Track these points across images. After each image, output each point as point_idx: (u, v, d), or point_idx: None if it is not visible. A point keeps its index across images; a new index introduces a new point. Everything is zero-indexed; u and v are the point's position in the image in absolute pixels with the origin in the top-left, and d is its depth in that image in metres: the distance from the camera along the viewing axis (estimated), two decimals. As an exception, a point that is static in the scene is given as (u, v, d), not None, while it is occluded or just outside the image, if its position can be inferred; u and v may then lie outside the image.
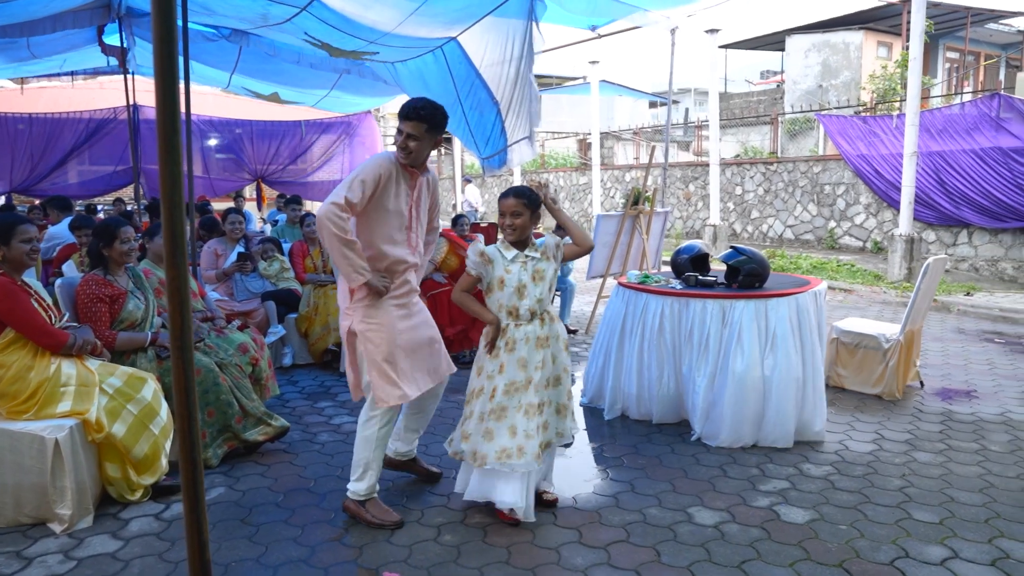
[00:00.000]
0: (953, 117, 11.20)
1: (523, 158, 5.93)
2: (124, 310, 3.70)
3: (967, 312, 8.38)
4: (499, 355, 3.13)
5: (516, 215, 3.13)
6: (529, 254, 3.17)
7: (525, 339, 3.11)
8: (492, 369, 3.13)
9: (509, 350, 3.11)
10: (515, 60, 5.48)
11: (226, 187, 13.27)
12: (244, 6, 5.43)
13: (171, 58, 1.40)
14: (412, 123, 3.07)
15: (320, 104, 10.21)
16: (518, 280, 3.12)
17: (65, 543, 2.97)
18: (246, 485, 3.55)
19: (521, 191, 3.16)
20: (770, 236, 14.85)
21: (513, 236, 3.16)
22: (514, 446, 3.02)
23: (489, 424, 3.08)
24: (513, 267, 3.13)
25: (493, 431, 3.06)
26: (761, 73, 35.54)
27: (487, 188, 24.22)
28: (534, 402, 3.09)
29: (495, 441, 3.05)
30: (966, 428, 4.35)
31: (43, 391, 3.16)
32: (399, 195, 3.14)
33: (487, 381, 3.13)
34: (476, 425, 3.13)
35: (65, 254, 5.84)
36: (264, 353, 4.37)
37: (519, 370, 3.09)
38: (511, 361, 3.10)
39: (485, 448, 3.06)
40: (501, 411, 3.07)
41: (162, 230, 1.44)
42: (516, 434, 3.04)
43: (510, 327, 3.13)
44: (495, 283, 3.15)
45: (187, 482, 1.54)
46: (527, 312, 3.13)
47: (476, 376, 3.21)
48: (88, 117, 11.71)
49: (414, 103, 3.09)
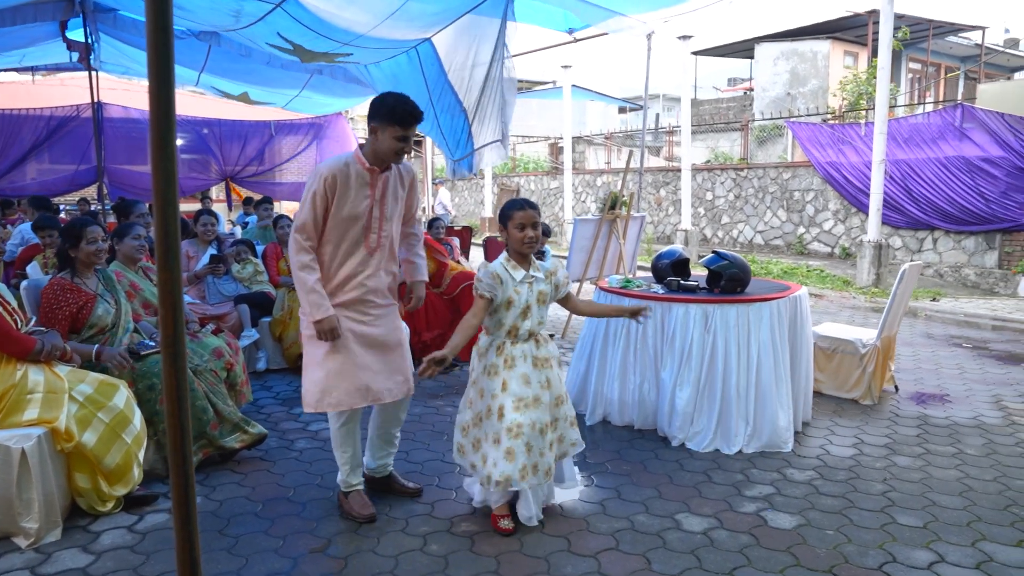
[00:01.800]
0: (918, 126, 11.44)
1: (493, 161, 5.89)
2: (93, 315, 3.56)
3: (933, 317, 8.54)
4: (499, 373, 3.07)
5: (536, 226, 3.09)
6: (534, 274, 3.13)
7: (523, 356, 3.08)
8: (495, 388, 3.06)
9: (508, 367, 3.06)
10: (483, 64, 5.43)
11: (193, 186, 13.00)
12: (217, 5, 5.30)
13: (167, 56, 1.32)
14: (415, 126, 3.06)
15: (290, 105, 10.05)
16: (525, 302, 3.08)
17: (31, 558, 2.83)
18: (223, 495, 3.44)
19: (533, 203, 3.14)
20: (740, 241, 15.00)
21: (533, 249, 3.12)
22: (530, 464, 3.00)
23: (509, 443, 2.99)
24: (522, 288, 3.08)
25: (514, 450, 2.98)
26: (728, 80, 35.99)
27: (457, 192, 24.14)
28: (547, 420, 3.08)
29: (516, 461, 2.98)
30: (942, 432, 4.40)
31: (8, 398, 3.02)
32: (356, 198, 3.06)
33: (492, 401, 3.07)
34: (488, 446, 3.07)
35: (28, 255, 5.64)
36: (239, 357, 4.26)
37: (523, 386, 3.04)
38: (513, 377, 3.05)
39: (506, 469, 2.98)
40: (517, 428, 3.00)
41: (155, 231, 1.36)
42: (531, 451, 3.01)
43: (506, 345, 3.09)
44: (502, 304, 3.08)
45: (178, 497, 1.46)
46: (526, 332, 3.10)
47: (479, 398, 3.14)
48: (49, 114, 11.37)
49: (412, 108, 3.02)
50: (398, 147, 3.03)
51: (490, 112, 5.60)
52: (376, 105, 3.03)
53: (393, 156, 3.06)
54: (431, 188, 20.04)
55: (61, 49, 6.61)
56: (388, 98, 3.02)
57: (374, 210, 3.11)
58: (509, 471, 2.98)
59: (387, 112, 2.99)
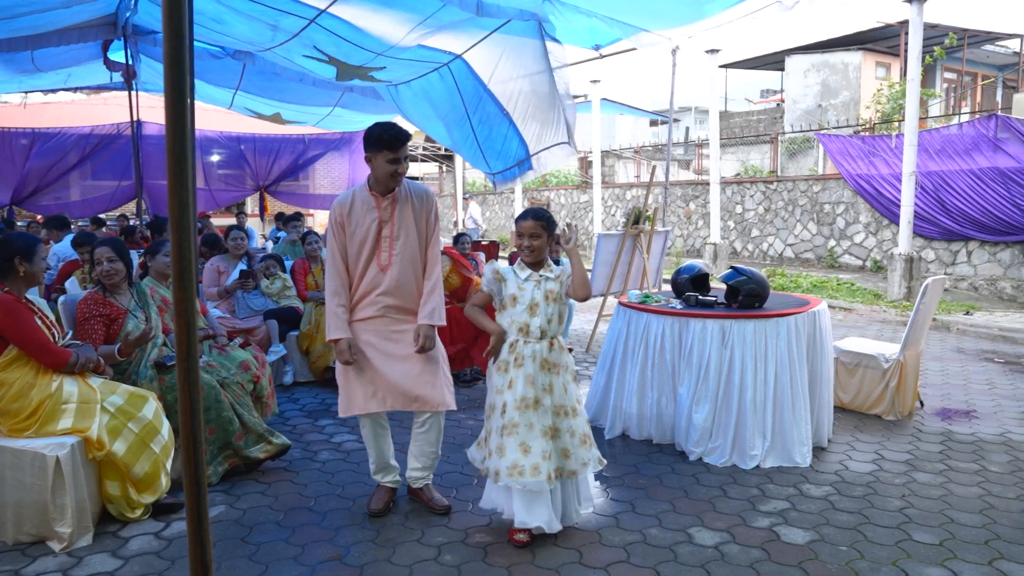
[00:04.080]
0: (951, 137, 11.28)
1: (560, 162, 6.03)
2: (123, 329, 3.71)
3: (966, 331, 8.39)
4: (508, 370, 3.16)
5: (534, 237, 3.17)
6: (543, 274, 3.21)
7: (532, 356, 3.13)
8: (502, 384, 3.17)
9: (518, 365, 3.13)
10: (531, 75, 5.54)
11: (227, 198, 13.36)
12: (255, 19, 5.48)
13: (182, 87, 1.42)
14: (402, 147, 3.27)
15: (322, 123, 10.29)
16: (531, 298, 3.16)
17: (64, 562, 2.96)
18: (247, 503, 3.55)
19: (540, 213, 3.21)
20: (770, 254, 14.89)
21: (531, 257, 3.20)
22: (527, 464, 3.02)
23: (501, 440, 3.09)
24: (527, 285, 3.18)
25: (504, 447, 3.07)
26: (761, 92, 35.75)
27: (487, 206, 24.29)
28: (549, 424, 3.11)
29: (506, 457, 3.06)
30: (966, 448, 4.35)
31: (44, 408, 3.17)
32: (364, 221, 3.33)
33: (497, 396, 3.18)
34: (492, 440, 3.17)
35: (68, 270, 5.86)
36: (265, 371, 4.39)
37: (528, 386, 3.10)
38: (520, 376, 3.12)
39: (497, 464, 3.08)
40: (512, 427, 3.08)
41: (170, 254, 1.46)
42: (529, 452, 3.04)
43: (519, 343, 3.16)
44: (507, 300, 3.21)
45: (191, 503, 1.55)
46: (537, 330, 3.16)
47: (491, 393, 3.26)
48: (90, 132, 11.81)
49: (397, 132, 3.25)
50: (392, 169, 3.26)
51: (554, 116, 5.71)
52: (366, 138, 3.29)
53: (389, 178, 3.29)
54: (461, 203, 20.23)
55: (104, 69, 6.87)
56: (375, 129, 3.26)
57: (383, 229, 3.32)
58: (498, 466, 3.06)
59: (375, 140, 3.25)
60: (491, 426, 3.20)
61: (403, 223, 3.35)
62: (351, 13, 5.12)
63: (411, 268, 3.38)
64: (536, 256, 3.19)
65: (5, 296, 3.19)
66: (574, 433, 3.18)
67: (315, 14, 5.12)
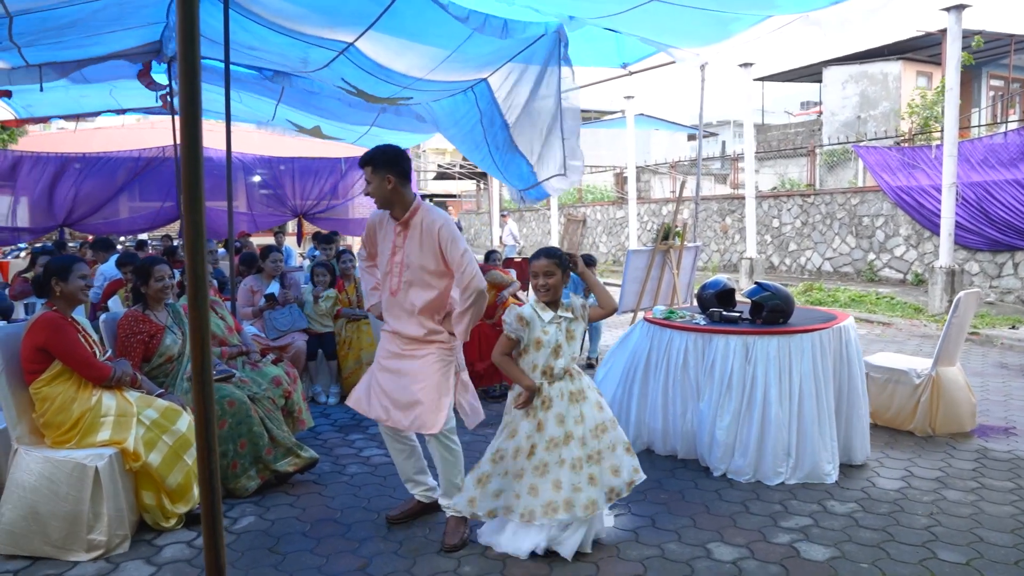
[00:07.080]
0: (995, 146, 11.02)
1: (560, 190, 6.04)
2: (162, 344, 3.88)
3: (1012, 346, 8.17)
4: (535, 415, 3.16)
5: (549, 275, 3.18)
6: (562, 315, 3.22)
7: (560, 395, 3.16)
8: (530, 429, 3.15)
9: (546, 408, 3.15)
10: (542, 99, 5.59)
11: (268, 222, 13.71)
12: (286, 49, 5.69)
13: (195, 119, 1.53)
14: (364, 169, 3.34)
15: (360, 142, 10.49)
16: (555, 341, 3.18)
17: (102, 567, 3.10)
18: (275, 515, 3.66)
19: (552, 252, 3.22)
20: (808, 269, 14.68)
21: (547, 296, 3.21)
22: (560, 500, 3.05)
23: (533, 480, 3.10)
24: (550, 328, 3.18)
25: (538, 487, 3.09)
26: (801, 104, 35.34)
27: (524, 222, 24.43)
28: (579, 455, 3.11)
29: (540, 496, 3.07)
30: (1001, 466, 4.26)
31: (85, 421, 3.33)
32: (384, 242, 3.46)
33: (525, 441, 3.15)
34: (511, 483, 3.15)
35: (112, 289, 6.10)
36: (297, 386, 4.52)
37: (557, 426, 3.13)
38: (549, 418, 3.14)
39: (532, 503, 3.08)
40: (544, 467, 3.10)
41: (187, 278, 1.57)
42: (561, 488, 3.06)
43: (544, 386, 3.18)
44: (531, 344, 3.19)
45: (206, 510, 1.65)
46: (561, 371, 3.19)
47: (510, 438, 3.20)
48: (137, 155, 12.31)
49: (364, 155, 3.34)
50: (367, 189, 3.37)
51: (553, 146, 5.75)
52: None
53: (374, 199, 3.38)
54: (498, 219, 20.40)
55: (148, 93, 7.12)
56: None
57: (396, 255, 3.37)
58: (532, 505, 3.07)
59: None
60: (518, 469, 3.14)
61: (411, 252, 3.33)
62: (378, 50, 5.25)
63: (418, 297, 3.32)
64: (553, 295, 3.20)
65: (52, 314, 3.37)
66: (615, 447, 3.21)
67: (343, 47, 5.28)
